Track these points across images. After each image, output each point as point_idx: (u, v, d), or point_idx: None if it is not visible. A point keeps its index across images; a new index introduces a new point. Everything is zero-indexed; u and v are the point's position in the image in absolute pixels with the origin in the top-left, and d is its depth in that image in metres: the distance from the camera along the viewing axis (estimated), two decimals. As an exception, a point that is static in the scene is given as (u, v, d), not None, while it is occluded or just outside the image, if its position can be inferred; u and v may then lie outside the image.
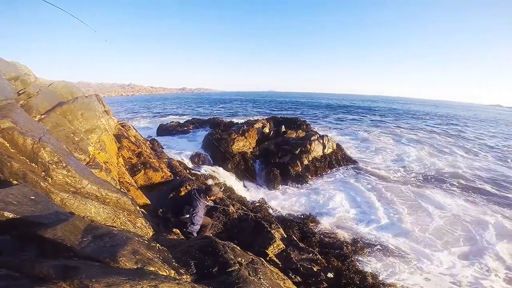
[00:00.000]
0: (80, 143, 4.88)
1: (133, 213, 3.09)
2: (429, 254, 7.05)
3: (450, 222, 8.72)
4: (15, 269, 0.94)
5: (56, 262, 1.03)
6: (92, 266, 1.14)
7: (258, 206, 8.90)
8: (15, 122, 2.67)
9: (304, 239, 7.20)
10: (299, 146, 13.34)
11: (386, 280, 5.97)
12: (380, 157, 16.01)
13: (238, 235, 5.96)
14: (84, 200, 2.47)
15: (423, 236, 7.89)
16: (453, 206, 9.87)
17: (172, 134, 19.04)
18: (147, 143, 10.59)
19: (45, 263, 1.01)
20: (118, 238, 1.67)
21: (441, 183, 12.25)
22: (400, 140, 21.31)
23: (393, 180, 12.39)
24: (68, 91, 7.38)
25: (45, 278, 0.91)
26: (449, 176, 13.17)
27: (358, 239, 7.61)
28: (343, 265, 6.06)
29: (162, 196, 7.03)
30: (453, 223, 8.66)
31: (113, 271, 1.13)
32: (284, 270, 4.72)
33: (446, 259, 6.92)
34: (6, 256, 1.32)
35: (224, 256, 2.99)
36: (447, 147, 19.53)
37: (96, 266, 1.17)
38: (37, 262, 1.02)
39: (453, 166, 14.74)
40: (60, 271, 0.95)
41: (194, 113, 39.53)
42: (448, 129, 29.63)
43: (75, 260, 1.33)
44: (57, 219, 1.78)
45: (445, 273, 6.40)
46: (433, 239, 7.77)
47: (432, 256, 7.00)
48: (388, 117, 37.23)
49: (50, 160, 2.51)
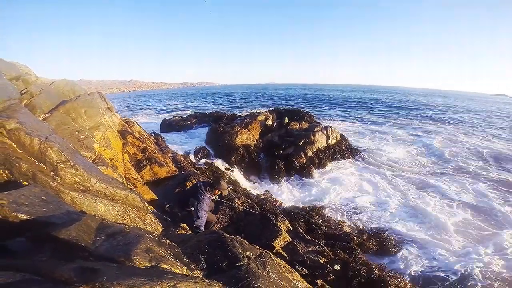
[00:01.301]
0: (86, 141, 4.89)
1: (142, 209, 3.11)
2: (437, 245, 7.04)
3: (463, 213, 8.63)
4: (34, 272, 0.94)
5: (76, 265, 1.04)
6: (111, 267, 1.14)
7: (263, 198, 8.93)
8: (21, 123, 2.67)
9: (310, 231, 7.21)
10: (303, 138, 13.28)
11: (393, 271, 5.99)
12: (387, 147, 15.86)
13: (244, 228, 5.99)
14: (93, 198, 2.49)
15: (432, 227, 7.88)
16: (466, 196, 9.76)
17: (175, 128, 19.05)
18: (151, 139, 10.61)
19: (66, 266, 1.01)
20: (130, 236, 1.68)
21: (455, 172, 12.13)
22: (407, 130, 21.05)
23: (401, 170, 12.34)
24: (70, 89, 7.39)
25: (67, 281, 0.91)
26: (462, 165, 13.04)
27: (365, 231, 7.61)
28: (350, 257, 6.06)
29: (168, 190, 7.08)
30: (467, 215, 8.56)
31: (131, 271, 1.14)
32: (291, 262, 4.75)
33: (458, 250, 6.87)
34: (21, 257, 1.34)
35: (233, 251, 3.02)
36: (457, 136, 19.29)
37: (115, 267, 1.17)
38: (58, 265, 1.02)
39: (465, 156, 14.56)
40: (81, 274, 0.95)
41: (196, 107, 39.47)
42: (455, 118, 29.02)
43: (91, 260, 1.34)
44: (69, 219, 1.79)
45: (455, 264, 6.39)
46: (444, 230, 7.73)
47: (442, 246, 6.99)
48: (393, 108, 36.54)
49: (58, 159, 2.52)
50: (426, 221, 8.18)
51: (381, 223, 8.12)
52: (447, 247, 6.98)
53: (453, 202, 9.32)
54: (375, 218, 8.44)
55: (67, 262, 1.07)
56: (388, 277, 5.49)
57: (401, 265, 6.42)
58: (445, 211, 8.77)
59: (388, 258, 6.65)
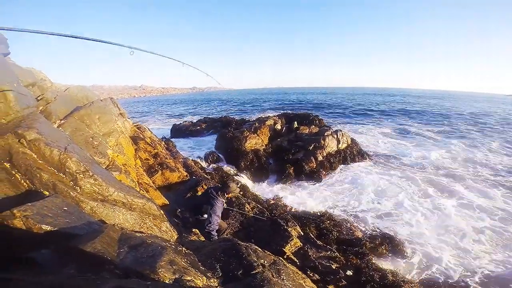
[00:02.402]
0: (99, 147, 4.97)
1: (158, 217, 3.13)
2: (456, 252, 6.83)
3: (486, 220, 8.33)
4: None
5: (113, 284, 1.03)
6: (142, 284, 1.14)
7: (273, 203, 8.88)
8: (40, 133, 2.72)
9: (321, 236, 7.10)
10: (313, 142, 13.18)
11: (406, 277, 5.84)
12: (402, 151, 15.57)
13: (254, 234, 5.97)
14: (112, 207, 2.52)
15: (451, 233, 7.66)
16: (489, 203, 9.44)
17: (185, 134, 19.24)
18: (162, 144, 10.72)
19: (104, 285, 1.01)
20: (153, 248, 1.68)
21: (472, 178, 11.75)
22: (420, 134, 20.52)
23: (416, 174, 12.04)
24: (84, 95, 7.54)
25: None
26: (481, 171, 12.65)
27: (377, 236, 7.43)
28: (362, 263, 5.93)
29: (180, 195, 7.12)
30: (490, 221, 8.25)
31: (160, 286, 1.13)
32: (302, 268, 4.70)
33: (478, 257, 6.66)
34: (49, 271, 1.35)
35: (248, 259, 3.01)
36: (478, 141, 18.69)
37: (147, 285, 1.17)
38: (95, 284, 1.02)
39: (484, 162, 14.13)
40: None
41: (206, 111, 39.82)
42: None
43: (117, 273, 1.34)
44: (90, 229, 1.81)
45: (474, 271, 6.17)
46: (464, 236, 7.50)
47: (461, 253, 6.78)
48: (403, 111, 35.76)
49: (77, 169, 2.56)
50: (443, 227, 7.94)
51: (395, 228, 7.93)
52: (466, 254, 6.76)
53: (475, 208, 9.03)
54: (388, 223, 8.24)
55: (104, 282, 1.07)
56: (402, 283, 5.34)
57: (415, 271, 6.24)
58: (465, 216, 8.50)
59: (402, 264, 6.47)
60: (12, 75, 3.83)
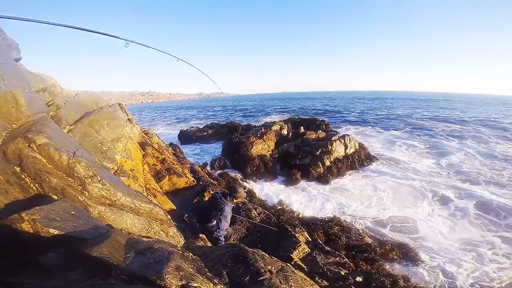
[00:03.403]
0: (108, 152, 5.02)
1: (166, 222, 3.11)
2: (472, 259, 6.61)
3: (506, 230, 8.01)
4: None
5: None
6: None
7: (280, 209, 8.79)
8: (49, 138, 2.75)
9: (330, 242, 6.97)
10: (320, 147, 13.06)
11: (418, 283, 5.66)
12: (411, 157, 15.26)
13: (261, 240, 5.91)
14: (119, 212, 2.51)
15: (465, 241, 7.42)
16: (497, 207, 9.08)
17: (192, 139, 19.36)
18: (169, 149, 10.80)
19: None
20: (160, 253, 1.66)
21: (496, 182, 11.37)
22: (434, 139, 20.05)
23: (430, 179, 11.77)
24: (93, 101, 7.67)
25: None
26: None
27: (388, 241, 7.27)
28: (372, 268, 5.79)
29: (186, 201, 7.15)
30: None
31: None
32: (310, 274, 4.62)
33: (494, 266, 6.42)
34: (56, 275, 1.33)
35: (255, 265, 2.96)
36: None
37: None
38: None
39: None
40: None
41: (212, 117, 40.10)
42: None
43: (123, 279, 1.31)
44: (98, 234, 1.80)
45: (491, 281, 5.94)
46: (481, 244, 7.23)
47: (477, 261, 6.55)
48: (417, 115, 34.92)
49: (86, 174, 2.57)
50: (460, 234, 7.71)
51: (405, 233, 7.74)
52: (482, 264, 6.53)
53: (495, 215, 8.70)
54: (399, 228, 8.05)
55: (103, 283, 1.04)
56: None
57: (428, 278, 6.03)
58: (482, 224, 8.21)
59: (414, 270, 6.27)
60: (24, 81, 3.91)
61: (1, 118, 3.03)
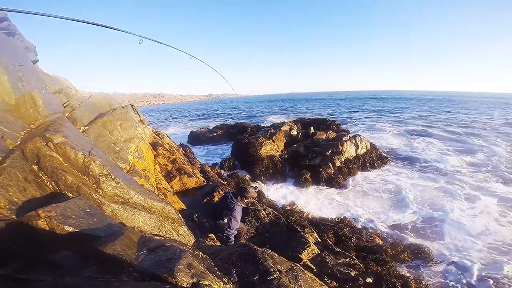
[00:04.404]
0: (121, 153, 5.11)
1: (177, 221, 3.15)
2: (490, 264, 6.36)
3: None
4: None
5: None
6: None
7: (289, 210, 8.74)
8: (66, 137, 2.82)
9: (340, 243, 6.89)
10: (330, 148, 12.92)
11: (431, 285, 5.52)
12: (427, 156, 14.92)
13: (270, 240, 5.88)
14: (132, 210, 2.55)
15: (469, 240, 7.21)
16: None
17: (202, 140, 19.55)
18: (180, 150, 10.92)
19: None
20: (171, 251, 1.67)
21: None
22: (454, 136, 19.55)
23: (447, 179, 11.48)
24: (107, 102, 7.85)
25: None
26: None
27: (400, 243, 7.12)
28: (383, 270, 5.70)
29: (196, 201, 7.19)
30: None
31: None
32: (319, 275, 4.57)
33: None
34: (70, 272, 1.36)
35: (264, 264, 2.95)
36: None
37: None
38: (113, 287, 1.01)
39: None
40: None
41: (222, 118, 40.39)
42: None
43: (135, 276, 1.33)
44: (111, 231, 1.83)
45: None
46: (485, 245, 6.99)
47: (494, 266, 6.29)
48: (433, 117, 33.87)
49: (100, 172, 2.62)
50: (474, 234, 7.44)
51: (418, 235, 7.57)
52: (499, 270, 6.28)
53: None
54: (411, 229, 7.88)
55: (122, 286, 1.05)
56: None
57: (441, 279, 5.86)
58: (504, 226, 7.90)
59: (426, 272, 6.10)
60: (41, 82, 4.04)
61: (20, 118, 3.14)
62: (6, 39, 4.06)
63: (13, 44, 4.38)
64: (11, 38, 4.55)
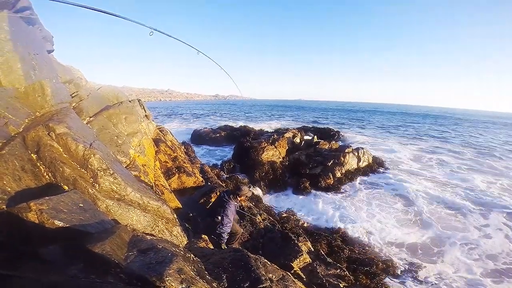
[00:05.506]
0: (123, 146, 5.12)
1: (171, 221, 3.12)
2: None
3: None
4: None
5: None
6: None
7: (286, 217, 8.69)
8: (69, 128, 2.82)
9: (332, 253, 6.88)
10: (332, 158, 12.86)
11: None
12: (430, 172, 14.77)
13: (263, 246, 5.85)
14: (127, 207, 2.53)
15: (467, 259, 7.12)
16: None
17: (205, 140, 19.58)
18: (182, 148, 10.91)
19: None
20: (163, 254, 1.64)
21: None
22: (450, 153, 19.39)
23: (441, 197, 11.32)
24: (114, 95, 7.89)
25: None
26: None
27: (391, 256, 7.07)
28: (372, 283, 5.74)
29: (193, 201, 7.16)
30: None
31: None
32: (308, 285, 4.54)
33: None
34: (55, 267, 1.33)
35: (256, 272, 2.91)
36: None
37: None
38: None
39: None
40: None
41: (226, 119, 40.50)
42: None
43: (122, 278, 1.30)
44: (103, 228, 1.80)
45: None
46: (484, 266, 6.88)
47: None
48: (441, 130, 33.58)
49: (99, 167, 2.61)
50: (470, 248, 7.41)
51: (413, 251, 7.49)
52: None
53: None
54: (402, 245, 7.79)
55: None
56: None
57: None
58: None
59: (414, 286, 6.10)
60: (53, 72, 4.07)
61: (27, 106, 3.15)
62: (26, 28, 4.10)
63: (31, 33, 4.43)
64: (30, 27, 4.61)
